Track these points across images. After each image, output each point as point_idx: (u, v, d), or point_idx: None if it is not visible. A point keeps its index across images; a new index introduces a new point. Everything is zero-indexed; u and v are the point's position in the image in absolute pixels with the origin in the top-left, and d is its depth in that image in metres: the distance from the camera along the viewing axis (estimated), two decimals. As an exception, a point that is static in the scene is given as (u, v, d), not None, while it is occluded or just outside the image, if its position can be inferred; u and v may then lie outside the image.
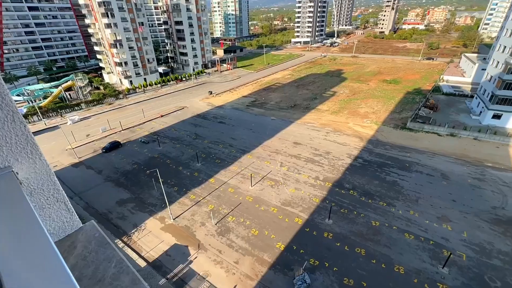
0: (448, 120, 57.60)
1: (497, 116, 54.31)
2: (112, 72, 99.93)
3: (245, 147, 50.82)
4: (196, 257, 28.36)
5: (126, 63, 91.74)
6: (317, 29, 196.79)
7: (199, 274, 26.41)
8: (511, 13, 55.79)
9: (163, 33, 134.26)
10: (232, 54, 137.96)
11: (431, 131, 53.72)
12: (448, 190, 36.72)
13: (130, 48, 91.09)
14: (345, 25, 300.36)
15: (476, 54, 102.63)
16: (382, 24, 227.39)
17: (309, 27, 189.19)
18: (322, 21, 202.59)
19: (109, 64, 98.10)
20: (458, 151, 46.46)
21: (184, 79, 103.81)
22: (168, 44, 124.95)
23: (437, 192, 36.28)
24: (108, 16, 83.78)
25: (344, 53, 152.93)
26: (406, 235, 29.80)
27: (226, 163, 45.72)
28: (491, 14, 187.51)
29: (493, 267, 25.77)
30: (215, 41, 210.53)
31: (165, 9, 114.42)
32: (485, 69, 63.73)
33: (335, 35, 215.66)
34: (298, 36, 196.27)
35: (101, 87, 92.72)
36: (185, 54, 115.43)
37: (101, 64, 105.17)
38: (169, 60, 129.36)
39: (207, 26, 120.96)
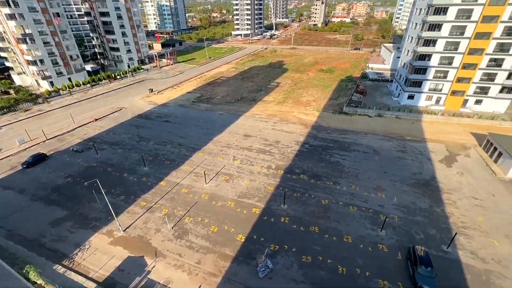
0: (375, 102, 65.79)
1: (411, 97, 64.29)
2: (24, 73, 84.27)
3: (196, 144, 49.33)
4: (154, 266, 26.78)
5: (42, 61, 78.32)
6: (256, 22, 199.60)
7: (159, 283, 25.07)
8: (415, 8, 65.95)
9: (87, 25, 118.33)
10: (171, 48, 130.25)
11: (363, 113, 60.67)
12: (380, 163, 42.33)
13: (46, 43, 77.89)
14: (282, 18, 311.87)
15: (392, 44, 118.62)
16: (315, 17, 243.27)
17: (248, 19, 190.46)
18: (260, 13, 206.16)
19: (19, 63, 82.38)
20: (385, 129, 53.69)
21: (118, 77, 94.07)
22: (95, 38, 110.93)
23: (372, 167, 41.49)
24: (9, 5, 69.65)
25: (283, 45, 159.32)
26: (350, 208, 33.46)
27: (177, 163, 43.74)
28: (400, 9, 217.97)
29: (417, 223, 31.01)
30: (150, 34, 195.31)
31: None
32: (399, 57, 74.42)
33: (274, 28, 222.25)
34: (238, 29, 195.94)
35: (11, 91, 77.49)
36: (116, 49, 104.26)
37: (7, 64, 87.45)
38: (98, 56, 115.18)
39: (139, 18, 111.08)
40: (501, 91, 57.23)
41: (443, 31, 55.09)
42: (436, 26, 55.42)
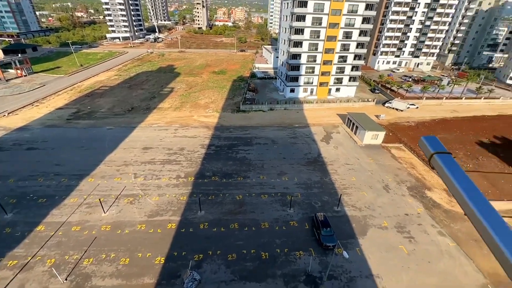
0: (266, 98, 73.31)
1: (292, 90, 75.37)
2: None
3: (81, 170, 40.79)
4: (47, 336, 20.68)
5: None
6: (134, 23, 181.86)
7: None
8: (283, 15, 77.28)
9: None
10: (20, 55, 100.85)
11: (258, 109, 66.53)
12: (279, 151, 47.78)
13: None
14: (164, 20, 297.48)
15: (270, 46, 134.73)
16: (199, 20, 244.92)
17: (124, 21, 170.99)
18: (138, 15, 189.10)
19: None
20: (278, 120, 60.88)
21: None
22: None
23: (273, 155, 46.32)
24: None
25: (171, 48, 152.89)
26: (262, 196, 36.33)
27: (58, 198, 34.95)
28: (272, 16, 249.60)
29: (314, 194, 37.11)
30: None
31: None
32: (278, 57, 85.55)
33: (157, 31, 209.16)
34: (114, 31, 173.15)
35: None
36: None
37: None
38: None
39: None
40: (349, 80, 75.41)
41: (306, 35, 67.11)
42: (300, 31, 66.84)
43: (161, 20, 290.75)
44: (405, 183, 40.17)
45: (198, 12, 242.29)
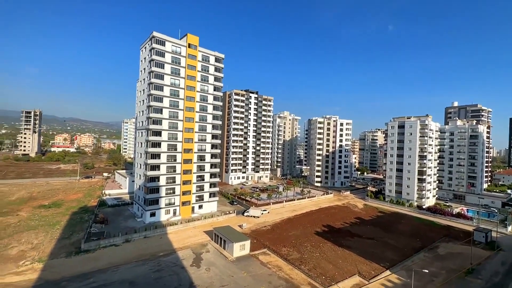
0: (120, 228, 61.83)
1: (153, 214, 69.14)
2: None
3: None
4: None
5: None
6: None
7: None
8: (138, 142, 79.13)
9: None
10: None
11: (109, 244, 53.71)
12: (139, 295, 37.34)
13: None
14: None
15: (125, 170, 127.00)
16: (25, 146, 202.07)
17: None
18: None
19: None
20: (136, 253, 50.71)
21: None
22: None
23: (131, 304, 35.30)
24: None
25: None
26: None
27: None
28: (126, 142, 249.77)
29: None
30: None
31: None
32: (134, 181, 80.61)
33: None
34: None
35: None
36: None
37: None
38: None
39: None
40: (210, 196, 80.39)
41: (162, 159, 70.03)
42: (157, 156, 69.35)
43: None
44: (279, 287, 40.95)
45: (25, 138, 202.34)
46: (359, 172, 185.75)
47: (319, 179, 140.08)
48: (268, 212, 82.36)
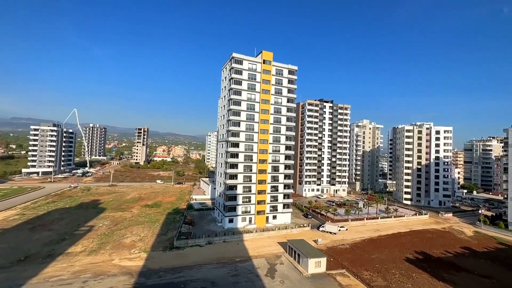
0: (203, 231, 68.67)
1: (231, 220, 73.98)
2: None
3: None
4: None
5: None
6: (62, 158, 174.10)
7: None
8: (219, 153, 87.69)
9: None
10: None
11: (194, 244, 60.23)
12: (219, 296, 39.94)
13: None
14: (100, 156, 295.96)
15: (208, 178, 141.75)
16: (137, 156, 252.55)
17: (51, 156, 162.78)
18: (70, 150, 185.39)
19: None
20: (217, 255, 54.93)
21: None
22: None
23: (212, 303, 38.03)
24: None
25: (100, 182, 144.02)
26: None
27: None
28: (209, 153, 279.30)
29: None
30: None
31: None
32: (215, 188, 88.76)
33: (88, 165, 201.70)
34: (34, 166, 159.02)
35: None
36: None
37: None
38: None
39: None
40: (283, 207, 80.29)
41: (240, 169, 74.81)
42: (235, 165, 74.65)
43: (96, 156, 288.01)
44: (360, 317, 36.43)
45: (137, 149, 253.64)
46: (465, 191, 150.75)
47: (408, 196, 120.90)
48: (347, 229, 75.87)
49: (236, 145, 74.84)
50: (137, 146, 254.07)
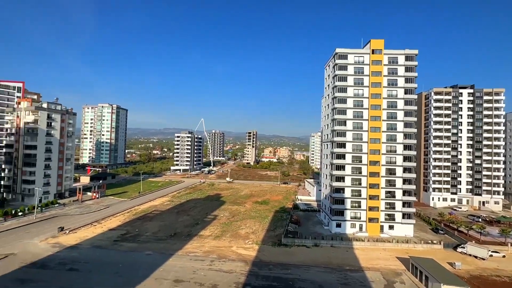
0: (309, 232, 68.37)
1: (339, 225, 70.03)
2: None
3: (106, 301, 37.48)
4: None
5: None
6: (195, 158, 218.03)
7: None
8: (323, 154, 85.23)
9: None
10: (100, 181, 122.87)
11: (301, 244, 60.89)
12: (328, 302, 38.52)
13: None
14: (219, 156, 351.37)
15: (313, 179, 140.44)
16: (248, 157, 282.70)
17: (187, 156, 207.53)
18: (199, 152, 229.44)
19: None
20: (324, 259, 53.28)
21: (21, 213, 77.67)
22: (6, 170, 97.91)
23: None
24: None
25: (221, 179, 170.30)
26: None
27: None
28: (313, 154, 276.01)
29: None
30: (80, 167, 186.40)
31: (13, 131, 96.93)
32: (321, 190, 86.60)
33: (212, 164, 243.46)
34: (177, 164, 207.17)
35: None
36: (31, 182, 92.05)
37: None
38: (1, 189, 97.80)
39: (72, 152, 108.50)
40: (403, 217, 68.42)
41: (347, 171, 69.77)
42: (342, 167, 70.33)
43: (217, 157, 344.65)
44: None
45: (248, 151, 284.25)
46: None
47: None
48: (504, 256, 56.18)
49: (342, 145, 70.41)
50: (248, 148, 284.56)
